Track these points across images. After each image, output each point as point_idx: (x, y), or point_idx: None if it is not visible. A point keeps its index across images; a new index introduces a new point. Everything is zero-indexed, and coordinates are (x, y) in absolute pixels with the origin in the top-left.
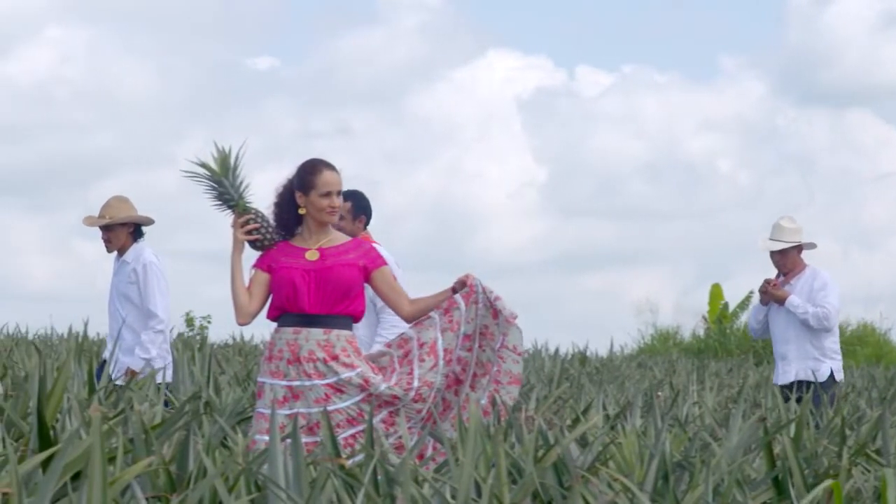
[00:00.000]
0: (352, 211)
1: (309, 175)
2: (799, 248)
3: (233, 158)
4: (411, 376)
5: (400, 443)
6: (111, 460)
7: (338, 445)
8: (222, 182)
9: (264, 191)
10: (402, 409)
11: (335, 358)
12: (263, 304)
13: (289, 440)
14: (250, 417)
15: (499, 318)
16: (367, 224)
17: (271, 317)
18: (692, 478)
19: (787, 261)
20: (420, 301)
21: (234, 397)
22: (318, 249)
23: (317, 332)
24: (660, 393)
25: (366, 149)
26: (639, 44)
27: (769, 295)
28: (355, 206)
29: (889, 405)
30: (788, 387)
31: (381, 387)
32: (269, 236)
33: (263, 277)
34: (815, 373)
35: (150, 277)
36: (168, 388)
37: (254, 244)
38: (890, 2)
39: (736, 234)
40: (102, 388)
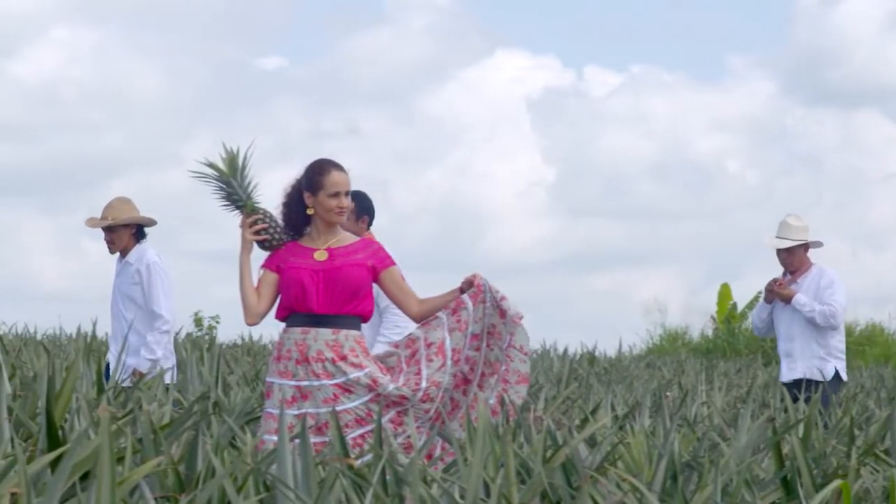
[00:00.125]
0: (355, 211)
1: (317, 175)
2: (805, 246)
3: (241, 159)
4: (419, 376)
5: (408, 443)
6: (120, 460)
7: (346, 445)
8: (231, 182)
9: (273, 191)
10: (411, 409)
11: (343, 358)
12: (272, 304)
13: (297, 440)
14: (259, 417)
15: (506, 318)
16: (369, 224)
17: (280, 317)
18: (701, 478)
19: (794, 259)
20: (428, 301)
21: (243, 397)
22: (327, 249)
23: (325, 333)
24: (668, 393)
25: (375, 149)
26: (647, 44)
27: (776, 294)
28: (358, 206)
29: None
30: (794, 384)
31: (390, 387)
32: (277, 236)
33: (272, 277)
34: (822, 372)
35: (154, 278)
36: (175, 388)
37: (262, 244)
38: None
39: (744, 234)
40: (111, 389)
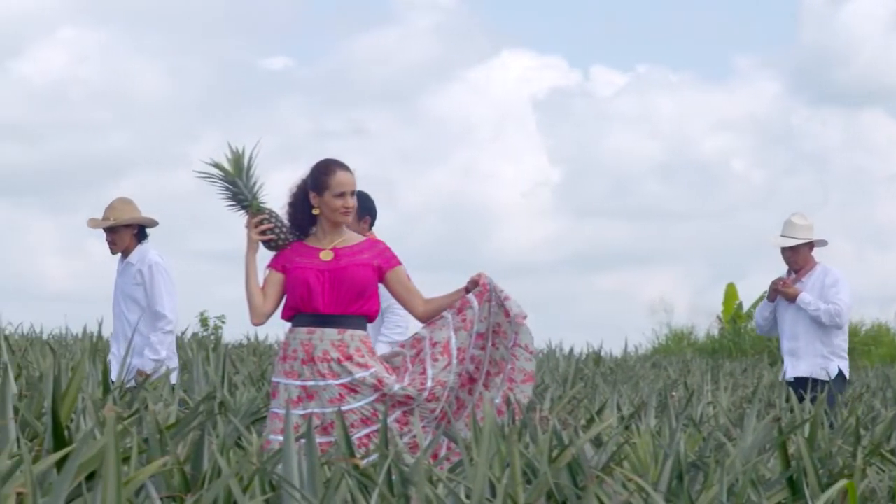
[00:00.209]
0: (357, 211)
1: (323, 175)
2: (810, 245)
3: (246, 159)
4: (424, 376)
5: (414, 442)
6: (125, 460)
7: (352, 445)
8: (236, 182)
9: (278, 191)
10: (416, 408)
11: (349, 358)
12: (278, 304)
13: (303, 440)
14: (265, 417)
15: (510, 317)
16: (371, 225)
17: (285, 317)
18: (707, 478)
19: (799, 258)
20: (434, 301)
21: (249, 397)
22: (333, 249)
23: (331, 332)
24: (674, 393)
25: (380, 149)
26: (653, 44)
27: (780, 293)
28: (360, 207)
29: None
30: (797, 382)
31: (395, 387)
32: (283, 236)
33: (278, 277)
34: (826, 371)
35: (157, 278)
36: (181, 388)
37: (268, 244)
38: None
39: (750, 234)
40: (117, 388)
